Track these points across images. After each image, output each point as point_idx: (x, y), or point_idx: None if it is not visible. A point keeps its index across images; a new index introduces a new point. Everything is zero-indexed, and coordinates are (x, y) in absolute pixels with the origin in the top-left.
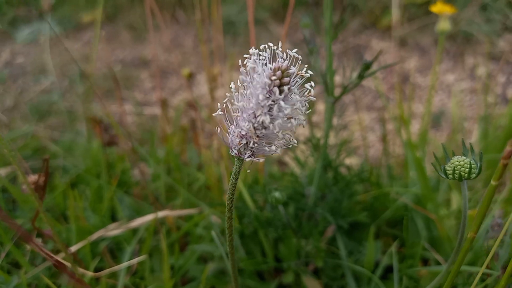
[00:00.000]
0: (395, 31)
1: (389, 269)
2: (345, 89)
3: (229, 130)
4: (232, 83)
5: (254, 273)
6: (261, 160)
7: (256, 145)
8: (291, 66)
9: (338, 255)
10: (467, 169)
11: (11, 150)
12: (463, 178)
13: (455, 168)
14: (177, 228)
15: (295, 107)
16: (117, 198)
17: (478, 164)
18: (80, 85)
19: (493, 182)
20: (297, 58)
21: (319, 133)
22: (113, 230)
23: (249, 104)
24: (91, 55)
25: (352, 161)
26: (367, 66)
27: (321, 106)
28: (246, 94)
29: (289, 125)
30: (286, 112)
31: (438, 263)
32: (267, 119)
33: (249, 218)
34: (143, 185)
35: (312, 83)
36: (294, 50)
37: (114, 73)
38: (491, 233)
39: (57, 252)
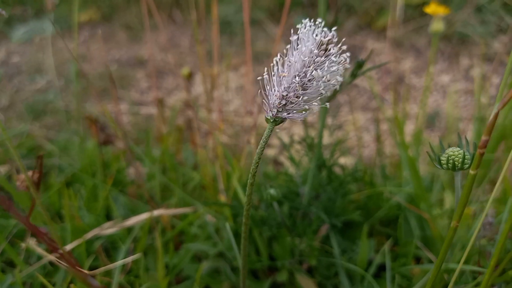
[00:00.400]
0: (391, 31)
1: (382, 268)
2: (336, 92)
3: (270, 91)
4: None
5: (248, 271)
6: (293, 118)
7: (293, 105)
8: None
9: (332, 254)
10: (461, 159)
11: (11, 148)
12: (456, 168)
13: (449, 158)
14: (172, 227)
15: (335, 68)
16: (112, 197)
17: (470, 154)
18: (76, 85)
19: (471, 171)
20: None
21: (314, 133)
22: (108, 229)
23: (296, 63)
24: (87, 54)
25: (346, 161)
26: (360, 65)
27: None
28: (293, 55)
29: (329, 84)
30: (328, 69)
31: (430, 262)
32: (317, 73)
33: (243, 216)
34: (138, 184)
35: (348, 54)
36: (334, 28)
37: (110, 73)
38: (483, 232)
39: (52, 250)
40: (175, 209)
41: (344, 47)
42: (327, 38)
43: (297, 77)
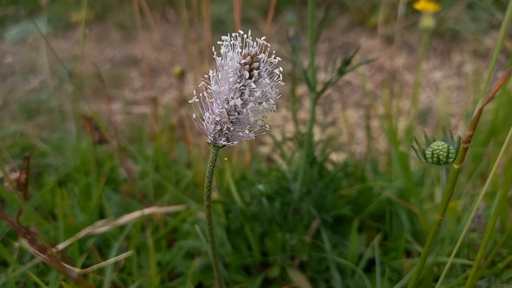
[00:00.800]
0: (382, 28)
1: (373, 262)
2: (327, 85)
3: (204, 117)
4: (209, 71)
5: (240, 267)
6: (235, 143)
7: (230, 130)
8: (261, 53)
9: (323, 249)
10: (445, 153)
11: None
12: (441, 162)
13: (434, 152)
14: (164, 225)
15: (265, 90)
16: (105, 196)
17: (455, 148)
18: (70, 84)
19: (455, 166)
20: (266, 46)
21: (305, 130)
22: (101, 227)
23: (222, 89)
24: (80, 54)
25: (339, 157)
26: (347, 61)
27: (307, 103)
28: (219, 79)
29: (260, 108)
30: (256, 95)
31: (420, 255)
32: (239, 102)
33: (235, 213)
34: (131, 182)
35: (281, 69)
36: (263, 38)
37: (100, 72)
38: (472, 225)
39: (45, 250)
40: (167, 207)
41: (275, 60)
42: (252, 52)
43: (225, 104)
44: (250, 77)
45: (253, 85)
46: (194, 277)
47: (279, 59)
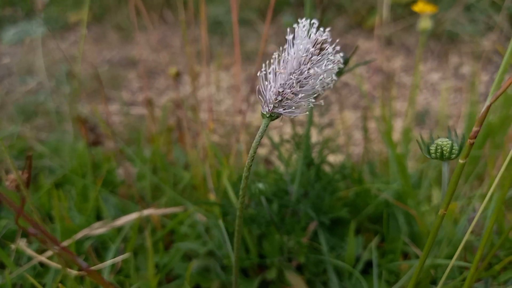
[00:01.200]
0: (380, 30)
1: (370, 264)
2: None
3: (267, 87)
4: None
5: (238, 269)
6: (288, 115)
7: (289, 101)
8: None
9: (320, 251)
10: (449, 148)
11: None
12: (444, 157)
13: (437, 147)
14: (162, 227)
15: (329, 66)
16: (102, 198)
17: (458, 145)
18: (67, 86)
19: (460, 160)
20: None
21: (303, 132)
22: (98, 229)
23: (293, 61)
24: (78, 55)
25: (336, 158)
26: (345, 62)
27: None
28: (290, 54)
29: (320, 82)
30: (328, 67)
31: (418, 258)
32: (314, 71)
33: (233, 215)
34: (128, 184)
35: (342, 54)
36: (328, 28)
37: (98, 74)
38: (468, 226)
39: (42, 251)
40: (165, 209)
41: (338, 47)
42: (322, 38)
43: (293, 74)
44: (320, 53)
45: (318, 63)
46: (191, 279)
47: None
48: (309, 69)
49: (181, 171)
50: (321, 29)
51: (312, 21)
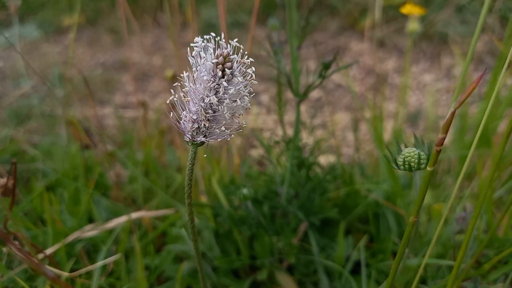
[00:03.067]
0: (372, 32)
1: (360, 264)
2: (308, 88)
3: (181, 116)
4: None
5: (229, 271)
6: (213, 141)
7: (207, 128)
8: (234, 54)
9: (311, 252)
10: (416, 159)
11: None
12: (412, 169)
13: (405, 159)
14: (153, 229)
15: (238, 88)
16: (94, 201)
17: (426, 155)
18: (60, 89)
19: (428, 168)
20: (239, 47)
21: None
22: (89, 232)
23: (197, 87)
24: (70, 59)
25: (328, 160)
26: (326, 65)
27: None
28: (194, 78)
29: (235, 106)
30: (230, 92)
31: (408, 257)
32: (214, 99)
33: (223, 217)
34: (119, 187)
35: (253, 69)
36: (235, 40)
37: (86, 78)
38: (456, 226)
39: (35, 254)
40: (156, 211)
41: (248, 61)
42: (224, 54)
43: (201, 102)
44: (223, 76)
45: (226, 84)
46: (182, 280)
47: (252, 60)
48: (210, 97)
49: (173, 174)
50: (223, 44)
51: (213, 37)
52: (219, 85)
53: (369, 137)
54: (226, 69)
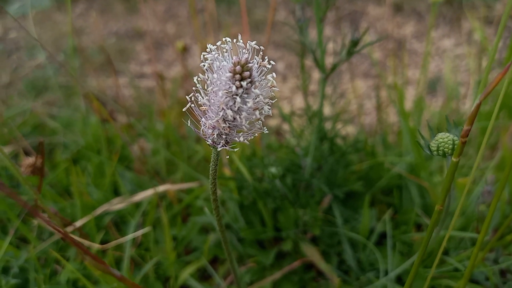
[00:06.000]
0: None
1: (383, 235)
2: (335, 66)
3: (201, 122)
4: (195, 78)
5: (254, 241)
6: (236, 149)
7: (228, 134)
8: (252, 59)
9: (335, 224)
10: (450, 146)
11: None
12: (446, 155)
13: (439, 145)
14: (178, 201)
15: (257, 99)
16: (118, 174)
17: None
18: (75, 59)
19: (453, 159)
20: (258, 50)
21: (315, 103)
22: (117, 205)
23: (214, 97)
24: (85, 27)
25: (348, 129)
26: (355, 42)
27: (316, 74)
28: (211, 88)
29: (254, 116)
30: (249, 105)
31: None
32: (230, 113)
33: (248, 189)
34: (143, 160)
35: (274, 74)
36: (254, 42)
37: (103, 47)
38: (482, 199)
39: (64, 226)
40: (181, 184)
41: (269, 66)
42: (243, 61)
43: (220, 111)
44: (239, 88)
45: (245, 96)
46: (209, 251)
47: (273, 63)
48: (234, 103)
49: (193, 145)
50: (243, 48)
51: (228, 41)
52: (236, 96)
53: (389, 105)
54: (243, 80)
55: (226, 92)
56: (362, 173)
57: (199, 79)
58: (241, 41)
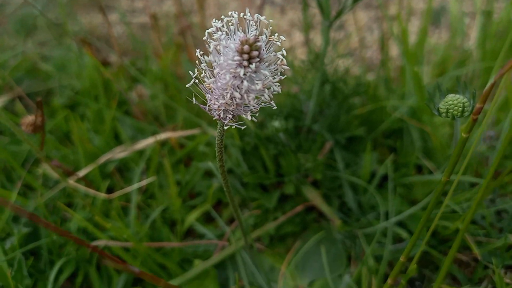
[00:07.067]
0: None
1: (384, 178)
2: (340, 13)
3: (207, 97)
4: (199, 52)
5: (257, 185)
6: (243, 127)
7: (235, 110)
8: (260, 36)
9: (336, 168)
10: (460, 109)
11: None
12: (456, 118)
13: (449, 107)
14: (180, 146)
15: (266, 80)
16: (117, 119)
17: (471, 103)
18: None
19: (464, 134)
20: (267, 24)
21: (315, 38)
22: (120, 153)
23: (221, 80)
24: None
25: (348, 65)
26: None
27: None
28: (217, 70)
29: (263, 97)
30: (258, 87)
31: (430, 172)
32: (238, 95)
33: (249, 136)
34: (142, 106)
35: (284, 52)
36: (263, 17)
37: None
38: (483, 144)
39: (68, 174)
40: (182, 131)
41: (279, 42)
42: (250, 40)
43: (226, 91)
44: (248, 69)
45: (254, 76)
46: (213, 195)
47: (283, 38)
48: (241, 82)
49: (193, 87)
50: (252, 24)
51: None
52: (244, 75)
53: (390, 37)
54: (251, 60)
55: (234, 76)
56: (364, 117)
57: (204, 57)
58: (248, 14)
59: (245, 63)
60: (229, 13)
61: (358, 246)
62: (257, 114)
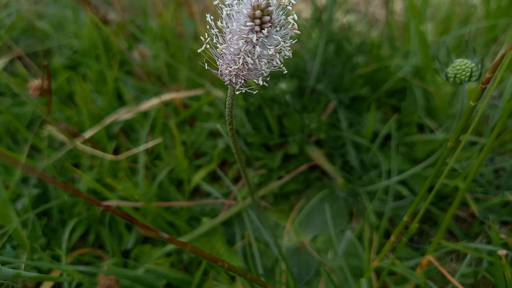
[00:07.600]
0: None
1: (386, 137)
2: None
3: (218, 63)
4: (209, 17)
5: (261, 145)
6: (254, 92)
7: (246, 75)
8: (271, 0)
9: (339, 127)
10: (468, 73)
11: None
12: (463, 83)
13: (457, 72)
14: (184, 106)
15: (278, 46)
16: (120, 80)
17: (479, 68)
18: None
19: (472, 103)
20: None
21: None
22: (125, 114)
23: (233, 46)
24: None
25: (351, 19)
26: None
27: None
28: (229, 36)
29: (274, 62)
30: (270, 52)
31: (432, 131)
32: (250, 61)
33: (253, 96)
34: (144, 66)
35: (295, 16)
36: None
37: None
38: (487, 104)
39: (74, 136)
40: (186, 92)
41: (289, 6)
42: (261, 7)
43: (237, 56)
44: (261, 35)
45: (266, 41)
46: (218, 155)
47: (294, 2)
48: (253, 47)
49: (192, 44)
50: None
51: None
52: (255, 47)
53: None
54: (263, 25)
55: (246, 41)
56: (367, 76)
57: (214, 21)
58: None
59: (257, 28)
60: None
61: (360, 203)
62: (268, 79)
